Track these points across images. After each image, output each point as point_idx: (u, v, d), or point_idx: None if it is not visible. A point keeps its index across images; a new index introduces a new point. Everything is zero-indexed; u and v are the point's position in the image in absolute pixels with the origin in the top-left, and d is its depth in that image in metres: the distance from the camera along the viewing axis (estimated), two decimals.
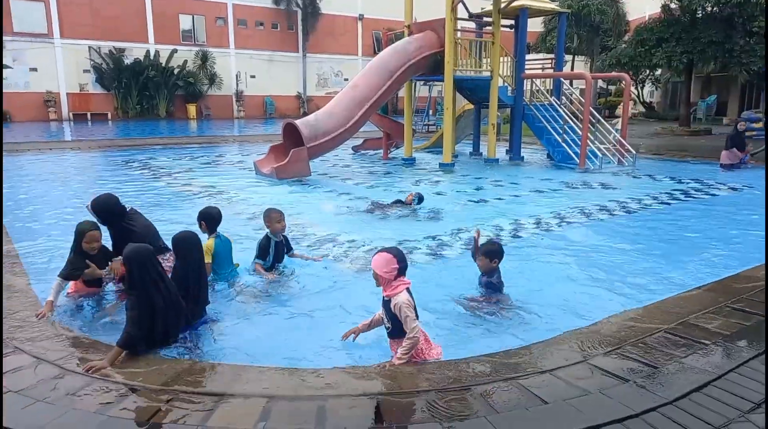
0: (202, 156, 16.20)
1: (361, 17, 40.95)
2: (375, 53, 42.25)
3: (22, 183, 11.28)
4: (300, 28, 38.29)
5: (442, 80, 13.38)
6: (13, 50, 29.24)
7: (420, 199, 8.87)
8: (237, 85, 36.62)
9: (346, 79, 41.27)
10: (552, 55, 18.93)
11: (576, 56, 34.89)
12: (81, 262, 4.67)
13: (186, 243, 4.21)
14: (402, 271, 3.61)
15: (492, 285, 4.95)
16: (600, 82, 38.17)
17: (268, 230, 5.65)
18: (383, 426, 2.79)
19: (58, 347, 3.72)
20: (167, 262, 4.71)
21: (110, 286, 4.99)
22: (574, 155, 13.29)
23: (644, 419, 2.84)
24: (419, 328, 3.55)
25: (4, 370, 3.28)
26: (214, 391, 3.13)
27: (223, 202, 9.44)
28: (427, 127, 24.40)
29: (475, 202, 9.76)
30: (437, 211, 8.82)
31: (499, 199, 10.06)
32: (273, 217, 5.62)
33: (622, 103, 17.60)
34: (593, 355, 3.57)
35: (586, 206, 9.11)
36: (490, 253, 4.94)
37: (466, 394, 3.11)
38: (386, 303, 3.61)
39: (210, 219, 5.24)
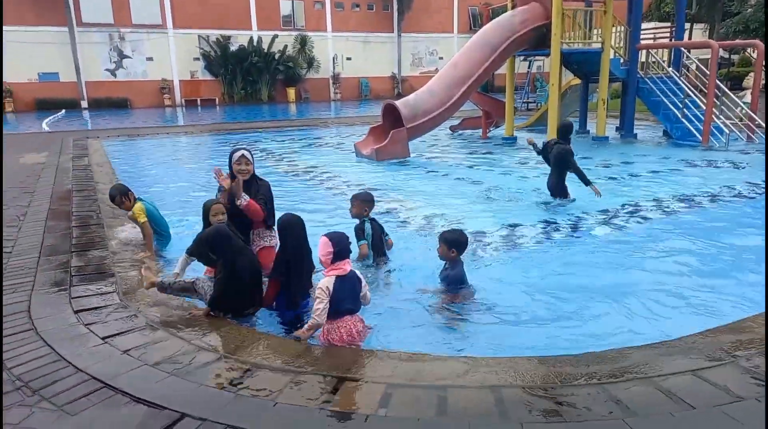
0: (303, 138, 16.62)
1: None
2: (471, 30, 41.31)
3: (147, 163, 12.15)
4: (395, 7, 38.08)
5: (547, 54, 12.71)
6: (132, 41, 31.51)
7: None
8: (333, 67, 37.20)
9: (441, 58, 40.67)
10: (667, 24, 17.47)
11: (694, 24, 31.96)
12: None
13: (285, 225, 4.22)
14: (338, 255, 3.60)
15: (448, 278, 4.54)
16: (720, 51, 34.75)
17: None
18: (509, 422, 2.64)
19: (189, 323, 3.91)
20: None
21: None
22: (695, 132, 12.17)
23: None
24: (321, 312, 3.53)
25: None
26: (334, 374, 3.13)
27: (326, 183, 9.61)
28: (526, 104, 23.49)
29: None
30: (544, 192, 8.41)
31: (612, 178, 9.45)
32: (366, 201, 5.42)
33: (750, 74, 15.87)
34: (741, 357, 3.18)
35: (713, 188, 8.31)
36: (449, 242, 4.52)
37: (594, 391, 2.88)
38: None
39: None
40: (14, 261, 5.31)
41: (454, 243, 4.53)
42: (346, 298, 3.62)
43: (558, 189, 7.48)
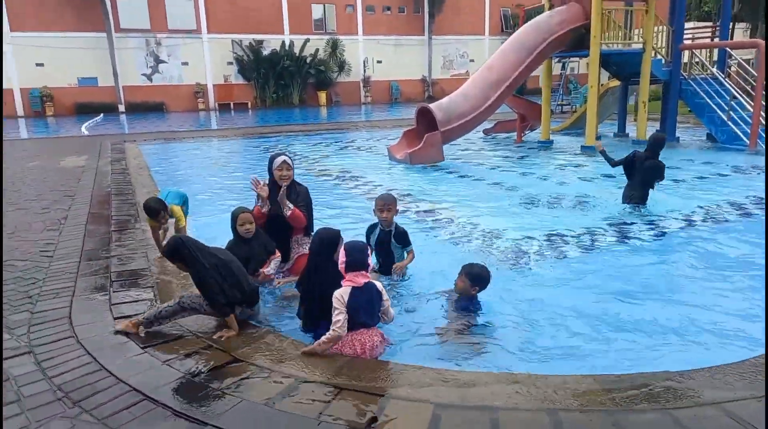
0: (336, 142, 16.60)
1: None
2: (503, 31, 40.90)
3: (183, 166, 12.27)
4: (426, 9, 37.93)
5: (586, 55, 12.39)
6: (168, 46, 32.09)
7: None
8: (364, 71, 37.23)
9: (471, 60, 40.36)
10: (707, 23, 16.94)
11: (735, 23, 30.95)
12: (238, 248, 4.83)
13: (315, 240, 4.07)
14: (350, 265, 3.51)
15: (468, 309, 4.21)
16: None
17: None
18: None
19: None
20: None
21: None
22: (742, 135, 11.69)
23: None
24: (342, 323, 3.40)
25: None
26: (377, 392, 3.01)
27: (360, 187, 9.52)
28: (560, 107, 23.06)
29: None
30: (585, 199, 8.18)
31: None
32: (376, 203, 4.95)
33: None
34: None
35: (753, 198, 7.91)
36: (475, 279, 4.17)
37: (658, 417, 2.68)
38: None
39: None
40: (56, 265, 5.35)
41: (477, 279, 4.20)
42: (361, 310, 3.50)
43: (644, 197, 7.39)
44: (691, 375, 3.09)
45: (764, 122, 11.69)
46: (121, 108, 31.01)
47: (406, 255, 5.00)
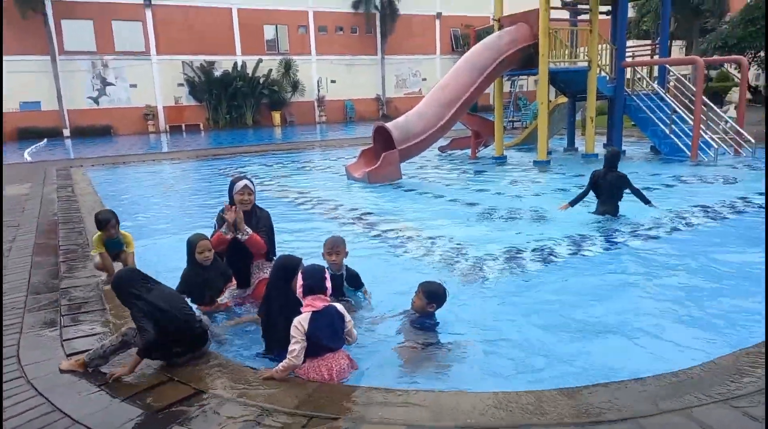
0: (293, 162, 16.49)
1: (438, 15, 40.52)
2: (454, 51, 41.82)
3: (134, 192, 11.89)
4: (378, 30, 38.45)
5: (535, 74, 12.79)
6: (115, 68, 31.35)
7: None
8: (318, 90, 37.30)
9: (424, 79, 41.05)
10: (646, 41, 17.80)
11: (672, 41, 32.57)
12: (195, 276, 4.70)
13: (274, 266, 3.98)
14: (308, 289, 3.47)
15: (425, 327, 4.19)
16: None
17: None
18: None
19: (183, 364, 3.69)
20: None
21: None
22: (684, 147, 12.26)
23: None
24: (297, 353, 3.35)
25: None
26: (349, 416, 2.95)
27: (319, 207, 9.46)
28: (512, 123, 23.65)
29: (582, 203, 9.12)
30: (541, 213, 8.35)
31: None
32: (324, 246, 4.64)
33: (734, 89, 16.11)
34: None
35: (709, 204, 8.29)
36: (431, 296, 4.15)
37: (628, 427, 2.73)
38: None
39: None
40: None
41: (433, 296, 4.17)
42: (324, 335, 3.44)
43: (615, 210, 7.69)
44: (652, 382, 3.16)
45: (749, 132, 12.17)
46: (66, 132, 29.99)
47: (362, 295, 4.84)
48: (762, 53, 29.39)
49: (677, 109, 12.67)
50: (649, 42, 18.38)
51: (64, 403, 3.22)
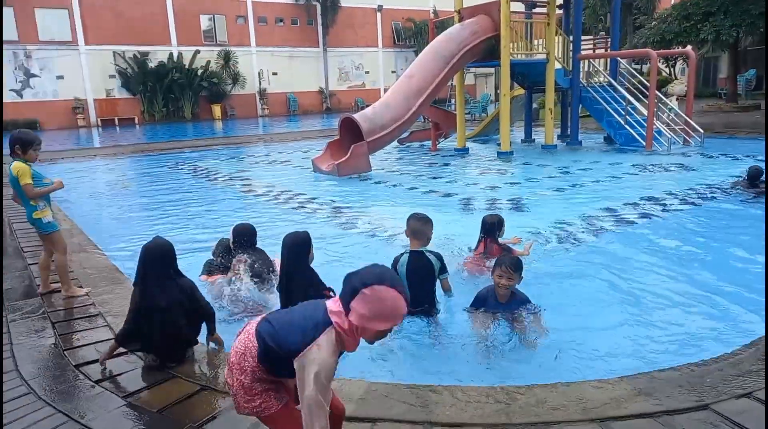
0: (248, 156, 15.93)
1: (380, 8, 40.43)
2: (395, 44, 41.86)
3: (68, 191, 11.06)
4: (320, 22, 37.89)
5: (496, 65, 12.92)
6: (40, 59, 29.23)
7: None
8: (260, 83, 36.34)
9: (367, 72, 40.90)
10: (589, 37, 18.46)
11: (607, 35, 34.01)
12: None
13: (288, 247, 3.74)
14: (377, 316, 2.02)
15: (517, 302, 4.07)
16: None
17: None
18: None
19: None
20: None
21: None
22: (639, 137, 12.75)
23: None
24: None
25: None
26: (421, 419, 2.78)
27: (292, 202, 9.13)
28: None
29: (555, 190, 9.28)
30: (518, 202, 8.40)
31: (575, 186, 9.59)
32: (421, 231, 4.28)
33: (674, 83, 16.96)
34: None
35: (676, 190, 8.62)
36: (516, 266, 3.93)
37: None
38: None
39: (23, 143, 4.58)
40: None
41: (519, 265, 3.94)
42: None
43: None
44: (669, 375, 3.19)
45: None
46: None
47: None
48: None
49: (632, 100, 13.14)
50: (591, 37, 18.99)
51: (93, 420, 2.88)
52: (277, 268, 4.42)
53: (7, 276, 5.32)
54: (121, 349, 3.54)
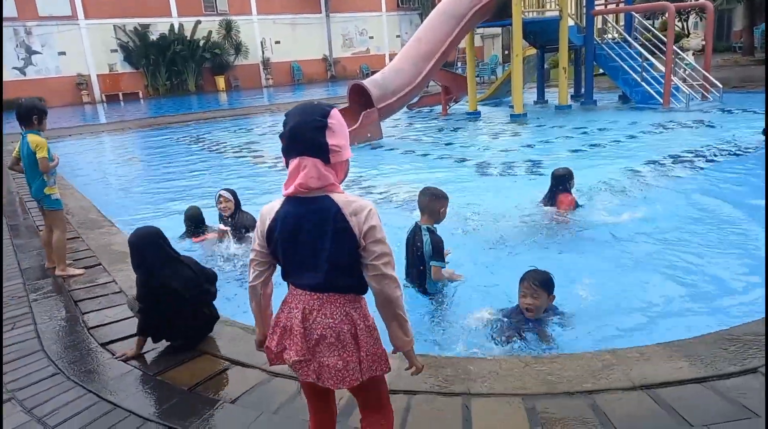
0: (256, 126, 15.75)
1: None
2: (399, 7, 40.87)
3: (81, 167, 10.98)
4: None
5: (508, 24, 12.54)
6: (40, 35, 28.84)
7: None
8: (263, 52, 35.75)
9: (371, 37, 40.12)
10: None
11: None
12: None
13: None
14: None
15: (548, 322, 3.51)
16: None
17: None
18: None
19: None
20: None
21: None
22: (656, 95, 12.40)
23: None
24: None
25: None
26: (461, 391, 2.70)
27: None
28: None
29: (573, 152, 9.07)
30: (537, 166, 8.19)
31: (594, 146, 9.37)
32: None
33: (690, 37, 16.43)
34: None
35: (698, 148, 8.38)
36: (548, 284, 3.38)
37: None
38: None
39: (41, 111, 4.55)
40: None
41: (548, 282, 3.37)
42: None
43: None
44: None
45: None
46: None
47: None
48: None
49: (648, 56, 12.72)
50: None
51: (135, 404, 2.82)
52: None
53: (24, 255, 5.27)
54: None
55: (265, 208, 1.85)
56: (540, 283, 3.31)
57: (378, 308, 1.81)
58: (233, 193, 5.53)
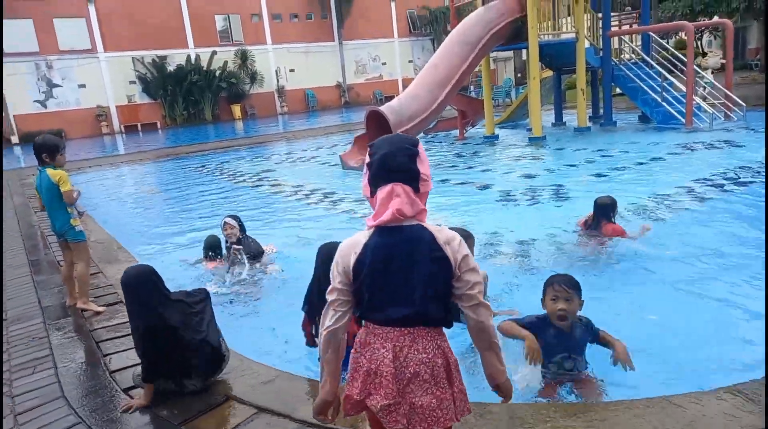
0: (273, 155, 15.78)
1: None
2: (411, 33, 41.31)
3: (100, 198, 11.01)
4: (334, 14, 37.57)
5: (524, 47, 12.49)
6: (60, 69, 29.52)
7: None
8: (277, 81, 36.23)
9: (384, 63, 40.52)
10: (617, 13, 17.78)
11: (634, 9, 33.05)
12: None
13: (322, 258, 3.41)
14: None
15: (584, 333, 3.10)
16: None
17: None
18: None
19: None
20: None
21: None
22: (678, 115, 12.20)
23: None
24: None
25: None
26: None
27: (325, 201, 8.89)
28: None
29: (596, 176, 8.87)
30: (560, 191, 8.01)
31: (617, 169, 9.16)
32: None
33: (707, 56, 16.29)
34: None
35: (728, 169, 8.15)
36: (576, 285, 2.98)
37: None
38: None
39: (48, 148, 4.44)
40: (15, 328, 4.38)
41: (577, 283, 2.98)
42: None
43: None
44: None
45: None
46: (15, 139, 28.11)
47: None
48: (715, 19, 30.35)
49: (667, 76, 12.57)
50: (629, 11, 18.36)
51: None
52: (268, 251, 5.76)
53: (44, 292, 5.19)
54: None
55: (345, 244, 1.77)
56: (572, 284, 2.95)
57: (473, 338, 1.79)
58: (237, 218, 5.76)
